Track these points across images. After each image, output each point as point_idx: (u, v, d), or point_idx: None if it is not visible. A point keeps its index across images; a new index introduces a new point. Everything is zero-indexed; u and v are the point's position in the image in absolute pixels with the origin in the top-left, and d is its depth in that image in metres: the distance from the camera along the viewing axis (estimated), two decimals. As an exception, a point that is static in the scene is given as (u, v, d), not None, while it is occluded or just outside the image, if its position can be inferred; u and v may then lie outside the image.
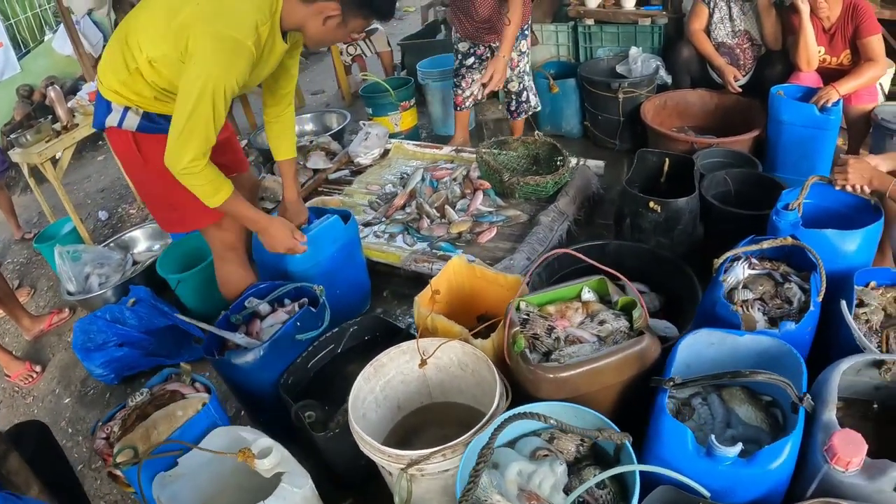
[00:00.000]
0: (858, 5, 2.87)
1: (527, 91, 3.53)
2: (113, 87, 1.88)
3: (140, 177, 2.10)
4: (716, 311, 1.75)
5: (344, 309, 2.53)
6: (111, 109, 1.92)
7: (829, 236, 1.96)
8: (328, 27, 1.82)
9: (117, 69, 1.86)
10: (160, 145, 1.84)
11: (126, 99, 1.89)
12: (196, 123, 1.74)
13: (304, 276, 2.32)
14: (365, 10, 1.83)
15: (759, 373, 1.38)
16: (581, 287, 1.77)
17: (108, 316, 2.68)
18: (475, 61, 3.52)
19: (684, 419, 1.62)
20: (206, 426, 1.75)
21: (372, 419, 1.81)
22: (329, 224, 2.38)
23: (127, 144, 1.97)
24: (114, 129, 1.95)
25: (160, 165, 1.86)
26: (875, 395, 1.65)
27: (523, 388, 1.58)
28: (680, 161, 2.72)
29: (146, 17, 1.81)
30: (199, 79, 1.69)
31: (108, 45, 1.96)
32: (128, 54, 1.82)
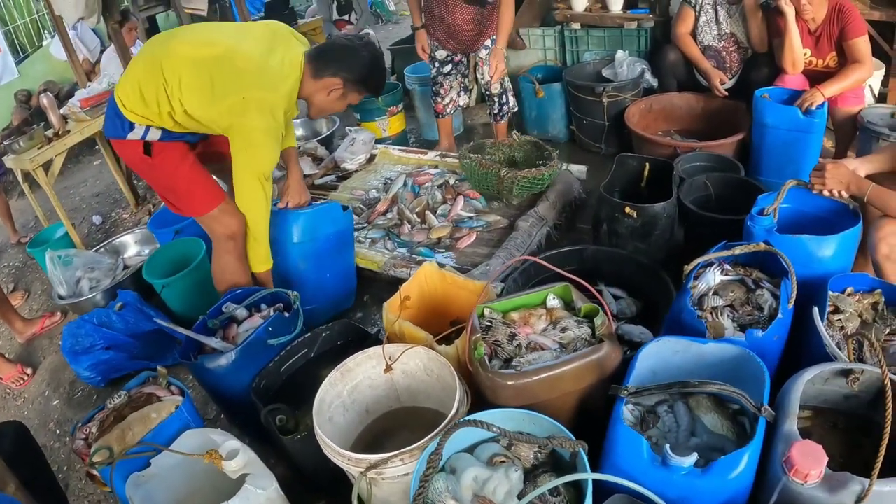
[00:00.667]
0: (844, 7, 2.85)
1: (506, 93, 3.56)
2: (138, 113, 2.08)
3: (147, 174, 2.31)
4: (682, 319, 1.75)
5: (330, 299, 2.62)
6: (133, 128, 2.11)
7: (804, 242, 1.95)
8: (331, 98, 2.24)
9: (148, 104, 2.06)
10: (169, 148, 2.15)
11: (149, 121, 2.11)
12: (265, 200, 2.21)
13: (299, 250, 2.42)
14: (361, 86, 2.24)
15: (709, 384, 1.38)
16: (546, 294, 1.77)
17: (95, 320, 2.70)
18: (452, 69, 3.55)
19: (649, 427, 1.62)
20: (179, 428, 1.78)
21: (340, 423, 1.82)
22: (329, 206, 2.51)
23: (135, 150, 2.15)
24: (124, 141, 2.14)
25: (165, 160, 2.17)
26: (844, 405, 1.64)
27: (483, 395, 1.59)
28: (661, 166, 2.72)
29: (190, 77, 2.03)
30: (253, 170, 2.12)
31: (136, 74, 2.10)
32: (163, 100, 2.04)
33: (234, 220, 2.26)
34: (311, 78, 2.17)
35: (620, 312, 2.30)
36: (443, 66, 3.55)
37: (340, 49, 2.20)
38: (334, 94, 2.22)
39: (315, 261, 2.49)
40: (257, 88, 2.02)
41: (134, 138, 2.12)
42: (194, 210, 2.28)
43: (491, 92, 3.52)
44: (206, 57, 2.04)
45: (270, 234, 2.35)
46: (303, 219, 2.43)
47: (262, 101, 2.03)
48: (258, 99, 2.02)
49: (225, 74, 2.02)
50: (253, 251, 2.31)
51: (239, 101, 2.01)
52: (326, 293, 2.61)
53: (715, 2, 3.29)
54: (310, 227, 2.45)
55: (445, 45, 3.47)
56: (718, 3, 3.29)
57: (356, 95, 2.28)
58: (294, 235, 2.43)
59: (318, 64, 2.16)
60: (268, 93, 2.04)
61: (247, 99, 2.01)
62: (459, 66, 3.56)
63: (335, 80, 2.18)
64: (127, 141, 2.14)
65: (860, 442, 1.63)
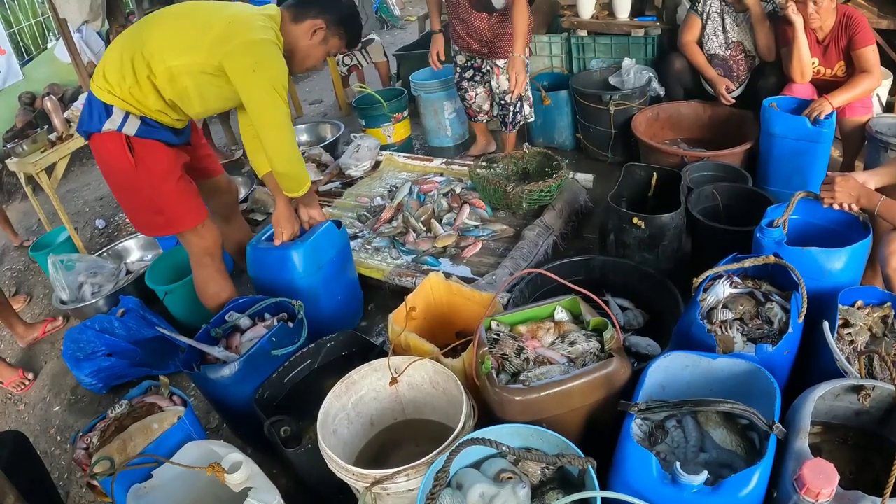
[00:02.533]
0: (853, 16, 2.84)
1: (522, 101, 3.53)
2: (115, 91, 1.98)
3: (127, 181, 2.12)
4: (691, 332, 1.72)
5: (344, 317, 2.59)
6: (110, 113, 2.00)
7: (814, 254, 1.93)
8: (314, 42, 2.17)
9: (125, 75, 1.96)
10: (153, 150, 2.05)
11: (129, 105, 2.00)
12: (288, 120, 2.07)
13: (308, 282, 2.36)
14: (341, 29, 2.20)
15: (722, 402, 1.35)
16: (554, 306, 1.75)
17: (97, 326, 2.69)
18: (474, 74, 3.53)
19: (657, 442, 1.60)
20: (181, 439, 1.77)
21: (344, 435, 1.80)
22: (326, 229, 2.43)
23: (119, 148, 2.03)
24: (106, 134, 2.01)
25: (151, 169, 2.05)
26: (854, 421, 1.62)
27: (490, 409, 1.57)
28: (668, 175, 2.70)
29: (168, 30, 1.97)
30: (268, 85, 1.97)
31: (110, 52, 2.04)
32: (140, 63, 1.95)
33: (211, 236, 2.27)
34: (292, 23, 2.13)
35: (627, 324, 2.28)
36: (465, 72, 3.55)
37: None
38: (317, 37, 2.16)
39: (325, 287, 2.43)
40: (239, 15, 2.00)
41: (111, 128, 1.99)
42: (183, 222, 2.20)
43: (505, 101, 3.50)
44: (180, 11, 2.03)
45: (275, 274, 2.33)
46: (304, 251, 2.33)
47: (249, 19, 1.99)
48: (244, 19, 1.98)
49: (207, 11, 2.01)
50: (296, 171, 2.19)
51: (226, 25, 1.95)
52: (340, 313, 2.57)
53: (722, 10, 3.28)
54: (314, 258, 2.37)
55: (465, 48, 3.46)
56: (725, 11, 3.27)
57: (336, 41, 2.22)
58: (301, 270, 2.34)
59: (298, 9, 2.14)
60: (253, 17, 2.02)
61: (232, 21, 1.96)
62: (482, 73, 3.54)
63: (317, 21, 2.14)
64: (104, 135, 2.01)
65: (871, 459, 1.60)
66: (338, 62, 5.04)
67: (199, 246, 2.28)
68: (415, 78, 4.19)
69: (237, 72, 1.95)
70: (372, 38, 5.06)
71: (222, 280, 2.39)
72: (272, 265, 2.35)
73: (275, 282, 2.35)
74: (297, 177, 2.20)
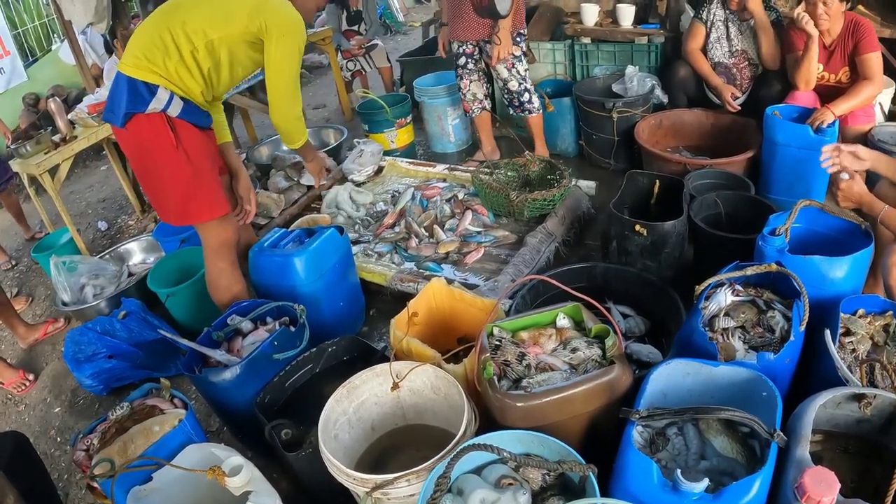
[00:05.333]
0: (860, 23, 2.85)
1: (528, 92, 3.55)
2: (159, 70, 2.03)
3: (167, 163, 2.12)
4: (693, 340, 1.73)
5: (346, 323, 2.59)
6: (154, 93, 2.02)
7: (816, 263, 1.93)
8: None
9: (168, 53, 2.03)
10: (191, 133, 2.12)
11: (174, 85, 2.07)
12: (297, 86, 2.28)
13: (310, 289, 2.36)
14: None
15: (724, 410, 1.35)
16: (556, 313, 1.75)
17: (98, 328, 2.69)
18: (467, 61, 3.56)
19: (658, 449, 1.60)
20: (182, 442, 1.77)
21: (345, 440, 1.80)
22: (329, 236, 2.45)
23: (162, 129, 2.06)
24: (148, 115, 2.04)
25: (190, 152, 2.12)
26: (855, 429, 1.62)
27: (491, 415, 1.57)
28: (671, 183, 2.70)
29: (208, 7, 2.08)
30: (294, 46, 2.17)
31: (143, 33, 2.08)
32: (182, 39, 2.03)
33: (232, 228, 2.31)
34: None
35: (629, 331, 2.28)
36: (458, 59, 3.58)
37: None
38: None
39: (327, 294, 2.44)
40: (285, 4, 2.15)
41: (157, 108, 2.03)
42: (213, 209, 2.23)
43: (509, 89, 3.52)
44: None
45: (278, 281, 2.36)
46: (306, 259, 2.34)
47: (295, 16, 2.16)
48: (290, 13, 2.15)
49: None
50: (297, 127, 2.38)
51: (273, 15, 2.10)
52: (343, 319, 2.58)
53: (726, 18, 3.29)
54: (316, 265, 2.38)
55: (457, 34, 3.49)
56: (730, 19, 3.29)
57: None
58: (303, 277, 2.35)
59: None
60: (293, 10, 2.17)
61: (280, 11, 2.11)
62: (474, 57, 3.55)
63: None
64: (147, 116, 2.03)
65: (872, 467, 1.61)
66: (341, 67, 5.06)
67: (220, 237, 2.28)
68: (418, 84, 4.21)
69: (271, 35, 2.12)
70: (376, 43, 5.07)
71: (236, 273, 2.38)
72: (274, 271, 2.36)
73: (277, 288, 2.35)
74: (291, 132, 2.39)
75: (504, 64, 3.43)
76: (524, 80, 3.51)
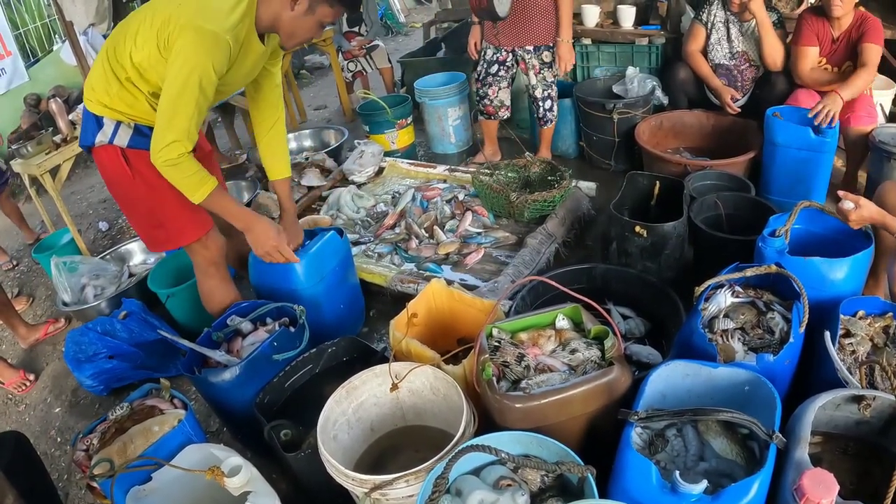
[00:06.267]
0: (868, 19, 2.88)
1: (551, 100, 3.57)
2: (103, 101, 1.92)
3: (128, 194, 2.06)
4: (693, 341, 1.73)
5: (346, 325, 2.59)
6: (101, 125, 1.95)
7: (816, 264, 1.93)
8: (297, 13, 1.87)
9: (108, 82, 1.89)
10: (149, 161, 1.87)
11: (118, 112, 1.93)
12: (179, 108, 1.78)
13: (311, 292, 2.34)
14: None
15: (722, 411, 1.35)
16: (556, 314, 1.75)
17: (99, 328, 2.69)
18: (499, 69, 3.54)
19: (657, 450, 1.60)
20: (181, 442, 1.77)
21: (344, 441, 1.80)
22: (329, 238, 2.42)
23: (115, 161, 1.98)
24: (102, 147, 1.97)
25: (150, 181, 1.95)
26: (855, 431, 1.62)
27: (490, 416, 1.57)
28: (671, 184, 2.70)
29: (133, 27, 1.85)
30: (182, 68, 1.75)
31: (95, 63, 1.99)
32: (116, 65, 1.87)
33: (216, 246, 2.20)
34: None
35: (629, 332, 2.28)
36: (490, 67, 3.56)
37: None
38: (299, 8, 1.86)
39: (327, 297, 2.42)
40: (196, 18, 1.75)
41: (103, 140, 1.94)
42: (185, 236, 2.12)
43: (535, 96, 3.54)
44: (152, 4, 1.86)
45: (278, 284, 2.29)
46: (306, 262, 2.30)
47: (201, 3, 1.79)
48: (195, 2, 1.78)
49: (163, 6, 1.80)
50: (171, 178, 1.88)
51: (175, 9, 1.77)
52: (343, 321, 2.57)
53: (727, 19, 3.29)
54: (317, 268, 2.36)
55: (492, 41, 3.48)
56: (730, 20, 3.28)
57: (326, 8, 1.89)
58: (304, 281, 2.32)
59: None
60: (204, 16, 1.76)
61: (182, 4, 1.78)
62: (506, 65, 3.54)
63: None
64: (102, 148, 1.96)
65: (871, 469, 1.60)
66: (343, 68, 5.07)
67: (204, 257, 2.22)
68: (419, 84, 4.21)
69: (169, 58, 1.78)
70: (376, 44, 5.08)
71: (227, 288, 2.34)
72: (275, 275, 2.33)
73: (277, 292, 2.34)
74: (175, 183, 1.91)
75: (533, 70, 3.45)
76: (549, 87, 3.53)
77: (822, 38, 2.98)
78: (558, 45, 3.34)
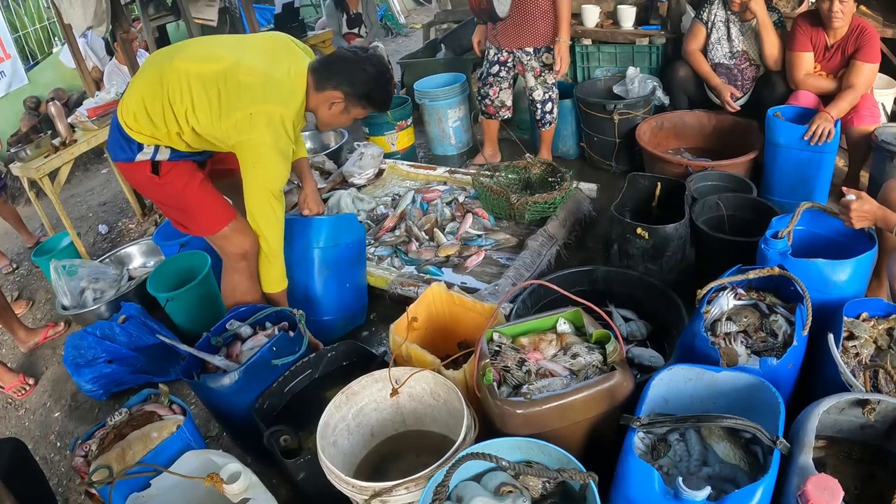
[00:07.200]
0: (866, 29, 2.85)
1: (552, 102, 3.55)
2: (144, 131, 2.05)
3: (155, 194, 2.25)
4: (695, 345, 1.71)
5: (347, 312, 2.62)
6: (142, 149, 2.09)
7: (819, 266, 1.92)
8: (333, 112, 2.17)
9: (157, 126, 2.03)
10: (177, 166, 2.13)
11: (158, 141, 2.08)
12: (278, 218, 2.13)
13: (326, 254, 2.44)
14: (364, 101, 2.16)
15: (726, 418, 1.34)
16: (557, 318, 1.74)
17: (98, 332, 2.68)
18: (500, 69, 3.53)
19: (660, 455, 1.59)
20: (180, 448, 1.77)
21: (344, 446, 1.79)
22: (350, 216, 2.59)
23: (142, 170, 2.12)
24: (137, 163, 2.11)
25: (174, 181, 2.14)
26: (859, 435, 1.60)
27: (491, 422, 1.55)
28: (673, 185, 2.69)
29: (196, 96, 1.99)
30: (266, 186, 2.06)
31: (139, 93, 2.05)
32: (171, 119, 2.01)
33: (245, 239, 2.20)
34: (314, 90, 2.11)
35: (631, 335, 2.26)
36: (491, 67, 3.55)
37: (343, 61, 2.11)
38: (336, 108, 2.15)
39: (336, 268, 2.49)
40: (263, 102, 1.97)
41: (143, 159, 2.09)
42: (204, 229, 2.24)
43: (533, 98, 3.53)
44: (210, 72, 1.99)
45: (294, 240, 2.34)
46: (327, 224, 2.45)
47: (270, 115, 1.97)
48: (265, 113, 1.96)
49: (230, 89, 1.97)
50: (266, 271, 2.24)
51: (246, 116, 1.95)
52: (345, 305, 2.59)
53: (727, 19, 3.28)
54: (333, 233, 2.46)
55: (493, 41, 3.47)
56: (731, 20, 3.27)
57: (360, 110, 2.20)
58: (319, 240, 2.43)
59: (321, 76, 2.09)
60: (275, 106, 1.99)
61: (254, 114, 1.95)
62: (508, 66, 3.53)
63: (336, 94, 2.10)
64: (136, 163, 2.10)
65: (876, 473, 1.59)
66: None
67: (232, 251, 2.24)
68: (419, 86, 4.19)
69: (242, 161, 2.04)
70: (376, 45, 5.06)
71: (252, 287, 2.32)
72: (295, 231, 2.40)
73: (295, 249, 2.38)
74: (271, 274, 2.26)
75: (532, 72, 3.43)
76: (550, 89, 3.51)
77: (816, 44, 2.96)
78: (558, 46, 3.32)
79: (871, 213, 1.90)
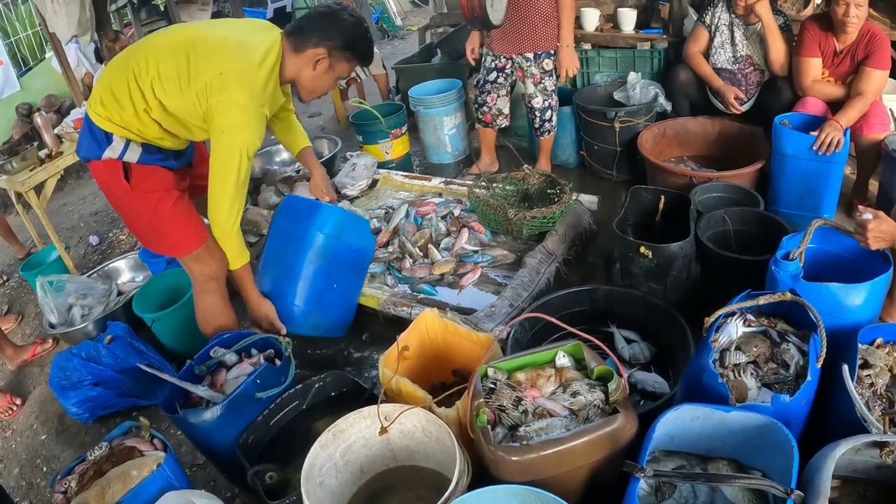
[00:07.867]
0: (876, 35, 2.76)
1: (551, 110, 3.44)
2: (113, 119, 1.95)
3: (125, 206, 2.12)
4: (703, 381, 1.61)
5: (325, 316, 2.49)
6: (111, 141, 1.96)
7: (833, 291, 1.82)
8: (318, 73, 2.08)
9: (122, 106, 1.92)
10: (150, 174, 2.02)
11: (129, 132, 1.97)
12: (241, 187, 1.99)
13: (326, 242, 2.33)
14: (347, 52, 2.08)
15: (739, 477, 1.25)
16: (556, 351, 1.64)
17: (83, 353, 2.61)
18: (498, 76, 3.43)
19: (664, 497, 1.51)
20: (160, 487, 1.72)
21: (332, 485, 1.70)
22: (363, 221, 2.56)
23: (114, 175, 2.01)
24: (104, 161, 1.99)
25: (146, 193, 2.03)
26: (875, 475, 1.52)
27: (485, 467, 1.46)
28: (676, 198, 2.59)
29: (163, 66, 1.90)
30: (234, 147, 1.92)
31: (107, 77, 1.99)
32: (136, 95, 1.91)
33: (215, 261, 2.15)
34: (293, 53, 2.03)
35: (633, 357, 2.17)
36: (489, 74, 3.45)
37: (318, 17, 2.05)
38: (321, 67, 2.06)
39: (330, 262, 2.36)
40: (235, 61, 1.87)
41: (111, 156, 1.97)
42: (176, 250, 2.16)
43: (532, 106, 3.42)
44: (179, 40, 1.92)
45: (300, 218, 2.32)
46: (338, 213, 2.40)
47: (243, 73, 1.87)
48: (237, 71, 1.86)
49: (199, 53, 1.88)
50: (225, 244, 2.10)
51: (216, 76, 1.85)
52: (323, 304, 2.42)
53: (731, 22, 3.18)
54: (341, 226, 2.37)
55: (491, 48, 3.37)
56: (735, 23, 3.17)
57: (344, 65, 2.11)
58: (324, 226, 2.33)
59: (298, 37, 2.02)
60: (247, 66, 1.89)
61: (224, 73, 1.85)
62: (506, 72, 3.42)
63: (318, 51, 2.03)
64: (104, 162, 1.98)
65: (892, 513, 1.50)
66: (336, 75, 4.96)
67: (202, 272, 2.19)
68: (413, 92, 4.07)
69: (212, 128, 1.94)
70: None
71: (224, 307, 2.28)
72: (301, 212, 2.35)
73: (297, 226, 2.32)
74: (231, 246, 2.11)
75: (532, 79, 3.33)
76: (549, 97, 3.40)
77: (825, 49, 2.87)
78: (559, 51, 3.21)
79: (888, 233, 1.80)
